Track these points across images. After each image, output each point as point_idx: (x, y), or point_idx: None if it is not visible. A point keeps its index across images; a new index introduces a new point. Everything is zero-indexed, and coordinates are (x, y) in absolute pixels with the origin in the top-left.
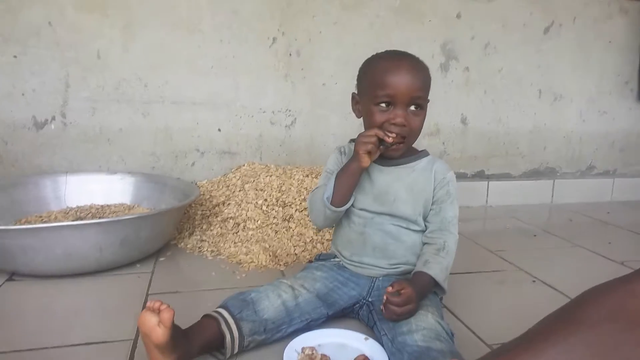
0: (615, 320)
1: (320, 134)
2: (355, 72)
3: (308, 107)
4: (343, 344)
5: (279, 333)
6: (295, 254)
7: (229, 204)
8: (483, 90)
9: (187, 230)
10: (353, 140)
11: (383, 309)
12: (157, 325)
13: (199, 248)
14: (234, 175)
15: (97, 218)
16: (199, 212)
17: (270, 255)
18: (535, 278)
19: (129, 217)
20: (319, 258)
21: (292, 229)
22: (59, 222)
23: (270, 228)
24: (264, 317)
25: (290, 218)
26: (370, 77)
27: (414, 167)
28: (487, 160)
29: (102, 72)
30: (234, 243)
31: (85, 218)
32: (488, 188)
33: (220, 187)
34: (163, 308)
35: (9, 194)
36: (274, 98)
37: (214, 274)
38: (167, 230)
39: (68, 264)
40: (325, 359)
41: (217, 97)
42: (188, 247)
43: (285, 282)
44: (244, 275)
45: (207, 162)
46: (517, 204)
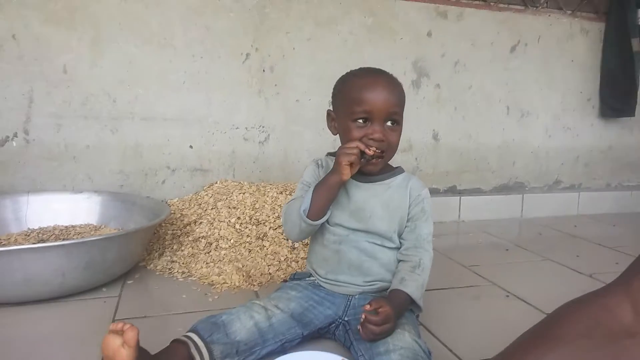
0: (591, 336)
1: (294, 150)
2: (329, 88)
3: (282, 123)
4: None
5: (252, 355)
6: (270, 274)
7: (201, 223)
8: (453, 107)
9: (156, 251)
10: (330, 154)
11: (360, 329)
12: (121, 347)
13: (170, 269)
14: (206, 193)
15: (60, 240)
16: (170, 231)
17: (244, 276)
18: (509, 292)
19: (94, 238)
20: (294, 277)
21: (266, 248)
22: (18, 245)
23: (244, 247)
24: (236, 339)
25: (264, 236)
26: (347, 93)
27: (390, 183)
28: (458, 176)
29: (68, 87)
30: (206, 263)
31: (48, 240)
32: (460, 203)
33: (192, 205)
34: (126, 328)
35: None
36: (248, 114)
37: (185, 297)
38: (135, 252)
39: (28, 290)
40: None
41: (189, 113)
42: (158, 268)
43: (258, 303)
44: (217, 297)
45: (178, 179)
46: (488, 219)
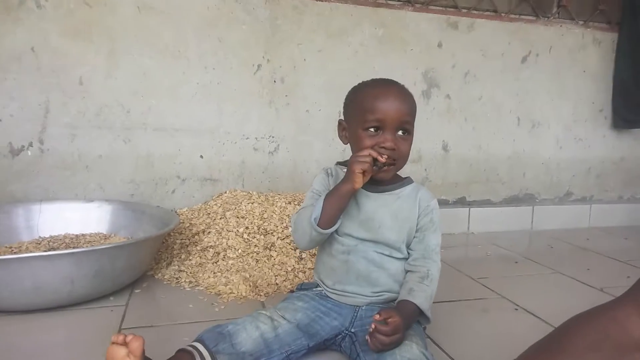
0: (599, 349)
1: (304, 160)
2: (339, 98)
3: (292, 133)
4: None
5: None
6: (277, 284)
7: (209, 233)
8: (464, 118)
9: (164, 260)
10: (340, 163)
11: (369, 339)
12: (126, 357)
13: (177, 279)
14: (215, 203)
15: (70, 248)
16: (178, 241)
17: (251, 286)
18: (518, 306)
19: (104, 246)
20: (301, 288)
21: (273, 258)
22: (29, 252)
23: (251, 257)
24: (242, 350)
25: (272, 246)
26: (359, 103)
27: (399, 194)
28: (468, 187)
29: (83, 98)
30: (213, 273)
31: (58, 248)
32: (469, 215)
33: (201, 214)
34: (130, 339)
35: None
36: (258, 124)
37: (192, 306)
38: (144, 261)
39: (37, 298)
40: None
41: (200, 123)
42: (165, 277)
43: (264, 313)
44: (223, 307)
45: (188, 189)
46: (498, 231)
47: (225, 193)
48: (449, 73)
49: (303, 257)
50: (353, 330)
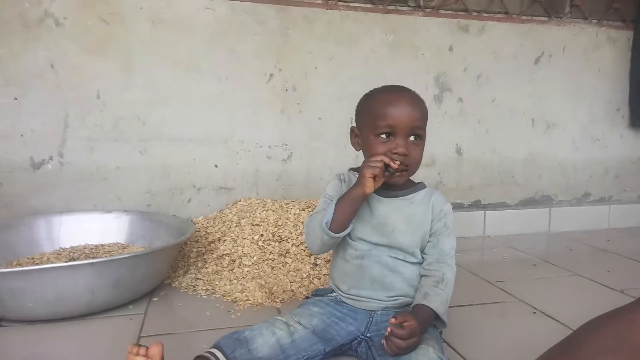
0: (619, 352)
1: (317, 168)
2: (351, 105)
3: (304, 141)
4: None
5: None
6: (292, 290)
7: (225, 240)
8: (477, 120)
9: (181, 269)
10: (353, 169)
11: (384, 343)
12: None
13: (194, 287)
14: (230, 211)
15: (90, 258)
16: (194, 249)
17: (267, 292)
18: (536, 309)
19: (123, 256)
20: (316, 293)
21: (288, 265)
22: (50, 263)
23: (267, 264)
24: (258, 355)
25: (287, 253)
26: (371, 109)
27: (412, 199)
28: (483, 190)
29: (101, 111)
30: (230, 280)
31: (78, 259)
32: (485, 218)
33: (216, 223)
34: (149, 347)
35: (3, 236)
36: (271, 133)
37: (209, 314)
38: (161, 269)
39: (59, 308)
40: None
41: (214, 133)
42: (182, 286)
43: (280, 319)
44: (239, 314)
45: (203, 198)
46: (514, 234)
47: (240, 201)
48: (461, 76)
49: (318, 263)
50: (369, 335)
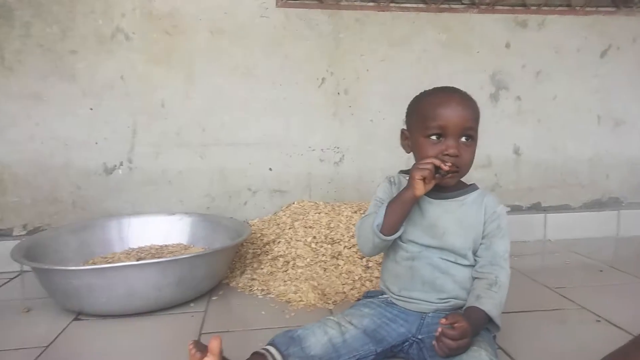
0: None
1: (368, 170)
2: (403, 107)
3: (356, 143)
4: None
5: None
6: (344, 292)
7: (279, 242)
8: (537, 119)
9: (238, 269)
10: (403, 172)
11: (435, 344)
12: (206, 356)
13: (250, 287)
14: (284, 213)
15: (156, 258)
16: (250, 250)
17: (319, 294)
18: (600, 317)
19: (185, 256)
20: (367, 295)
21: (340, 267)
22: (121, 262)
23: (319, 266)
24: (311, 353)
25: (339, 255)
26: (421, 111)
27: (464, 200)
28: (543, 192)
29: (165, 119)
30: (284, 281)
31: (145, 258)
32: (545, 221)
33: (271, 225)
34: (208, 343)
35: (79, 237)
36: (323, 136)
37: (264, 313)
38: (220, 270)
39: (129, 304)
40: None
41: (269, 137)
42: (239, 286)
43: (332, 318)
44: (293, 314)
45: (258, 201)
46: (578, 238)
47: (294, 204)
48: (519, 74)
49: (370, 266)
50: (420, 337)
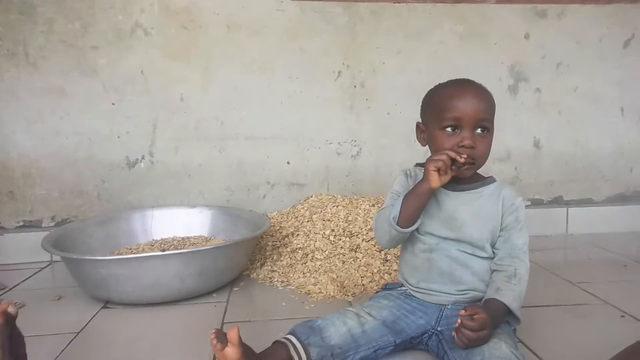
0: None
1: (386, 163)
2: (419, 99)
3: (373, 136)
4: None
5: None
6: (363, 285)
7: (298, 235)
8: (557, 111)
9: (258, 261)
10: (419, 164)
11: (455, 335)
12: (226, 345)
13: (270, 278)
14: (302, 207)
15: (178, 249)
16: (270, 243)
17: (338, 286)
18: (625, 312)
19: (207, 247)
20: (386, 287)
21: (359, 260)
22: (146, 253)
23: (338, 258)
24: (331, 343)
25: (357, 248)
26: (436, 103)
27: (481, 192)
28: (565, 185)
29: (184, 113)
30: (303, 273)
31: (168, 249)
32: (567, 215)
33: (290, 218)
34: (227, 333)
35: (106, 228)
36: (340, 129)
37: (284, 304)
38: (241, 261)
39: (154, 293)
40: None
41: (286, 131)
42: (260, 277)
43: (351, 310)
44: (313, 306)
45: (277, 194)
46: (601, 232)
47: (312, 197)
48: (538, 65)
49: (388, 259)
50: (439, 329)
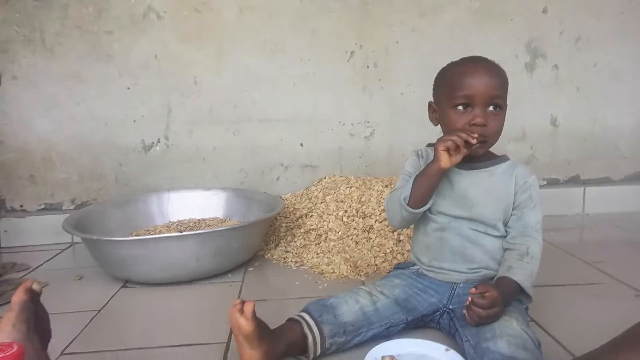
0: None
1: (399, 144)
2: (434, 79)
3: (386, 117)
4: (423, 355)
5: (359, 337)
6: (376, 265)
7: (311, 216)
8: (575, 88)
9: (273, 242)
10: (430, 145)
11: (466, 313)
12: (242, 318)
13: (284, 259)
14: (316, 188)
15: (194, 230)
16: (284, 224)
17: (351, 266)
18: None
19: (222, 228)
20: (398, 267)
21: (372, 240)
22: (163, 234)
23: (351, 239)
24: (344, 320)
25: (370, 229)
26: (447, 81)
27: (493, 171)
28: (582, 164)
29: (198, 96)
30: (316, 254)
31: (185, 231)
32: (584, 194)
33: (303, 199)
34: (240, 303)
35: (123, 211)
36: (353, 110)
37: (298, 284)
38: (255, 242)
39: (171, 273)
40: None
41: (299, 113)
42: (274, 257)
43: (364, 289)
44: (326, 285)
45: (290, 176)
46: (620, 212)
47: (325, 178)
48: (557, 41)
49: (401, 239)
50: (451, 307)
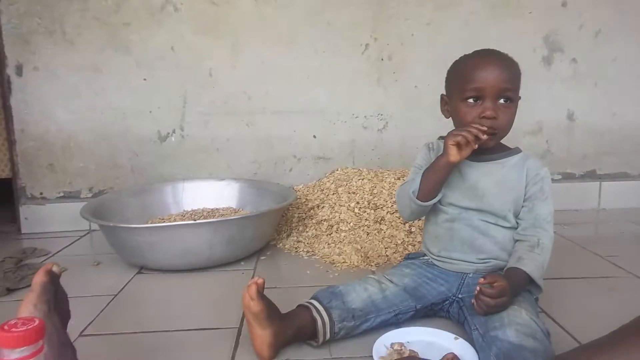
0: None
1: (412, 137)
2: None
3: (400, 110)
4: (432, 342)
5: (367, 322)
6: (387, 256)
7: (323, 207)
8: (593, 82)
9: (285, 232)
10: (442, 138)
11: (474, 302)
12: (251, 299)
13: (296, 248)
14: (328, 180)
15: (208, 219)
16: (296, 214)
17: (362, 256)
18: None
19: (234, 217)
20: (408, 257)
21: (383, 231)
22: (178, 222)
23: (362, 230)
24: (352, 307)
25: (382, 220)
26: (458, 74)
27: (505, 163)
28: (599, 159)
29: (213, 88)
30: (328, 244)
31: (199, 220)
32: (600, 189)
33: (315, 191)
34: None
35: (140, 200)
36: (367, 103)
37: (309, 273)
38: (267, 231)
39: (184, 260)
40: (414, 354)
41: (312, 105)
42: (286, 247)
43: (373, 277)
44: (337, 275)
45: (303, 167)
46: (635, 207)
47: (337, 170)
48: (575, 35)
49: (412, 230)
50: (460, 297)
